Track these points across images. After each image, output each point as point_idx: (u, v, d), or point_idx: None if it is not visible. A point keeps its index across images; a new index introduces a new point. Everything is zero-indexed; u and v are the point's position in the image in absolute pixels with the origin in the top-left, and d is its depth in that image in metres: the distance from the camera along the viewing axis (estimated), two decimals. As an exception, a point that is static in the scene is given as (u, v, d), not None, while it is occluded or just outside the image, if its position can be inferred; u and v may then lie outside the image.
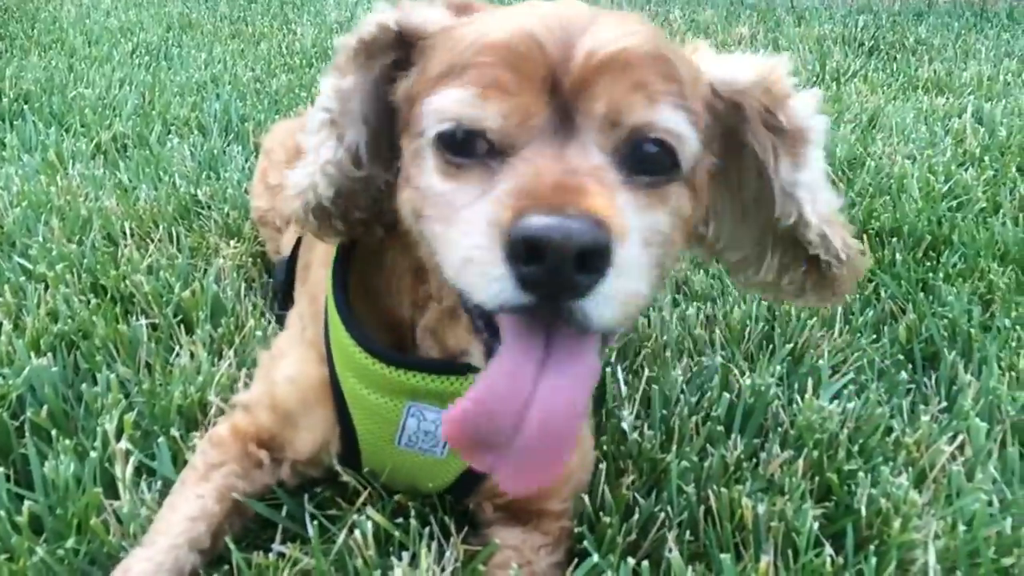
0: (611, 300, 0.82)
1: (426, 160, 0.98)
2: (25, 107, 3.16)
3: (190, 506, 1.25)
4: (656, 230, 0.94)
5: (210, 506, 1.26)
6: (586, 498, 1.30)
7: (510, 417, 0.88)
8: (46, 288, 1.88)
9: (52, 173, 2.51)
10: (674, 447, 1.41)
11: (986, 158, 2.69)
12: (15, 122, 3.06)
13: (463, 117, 0.92)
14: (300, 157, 1.20)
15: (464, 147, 0.93)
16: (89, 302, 1.83)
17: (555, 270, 0.79)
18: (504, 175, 0.89)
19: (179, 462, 1.41)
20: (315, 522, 1.27)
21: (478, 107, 0.91)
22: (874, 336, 1.80)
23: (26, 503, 1.28)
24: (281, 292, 1.79)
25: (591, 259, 0.80)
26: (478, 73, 0.92)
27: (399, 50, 1.08)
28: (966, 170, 2.62)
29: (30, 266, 1.97)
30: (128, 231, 2.18)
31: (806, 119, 1.06)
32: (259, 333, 1.75)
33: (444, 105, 0.94)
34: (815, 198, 1.07)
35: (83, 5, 5.36)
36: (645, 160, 0.93)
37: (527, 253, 0.80)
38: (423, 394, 1.19)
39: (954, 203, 2.36)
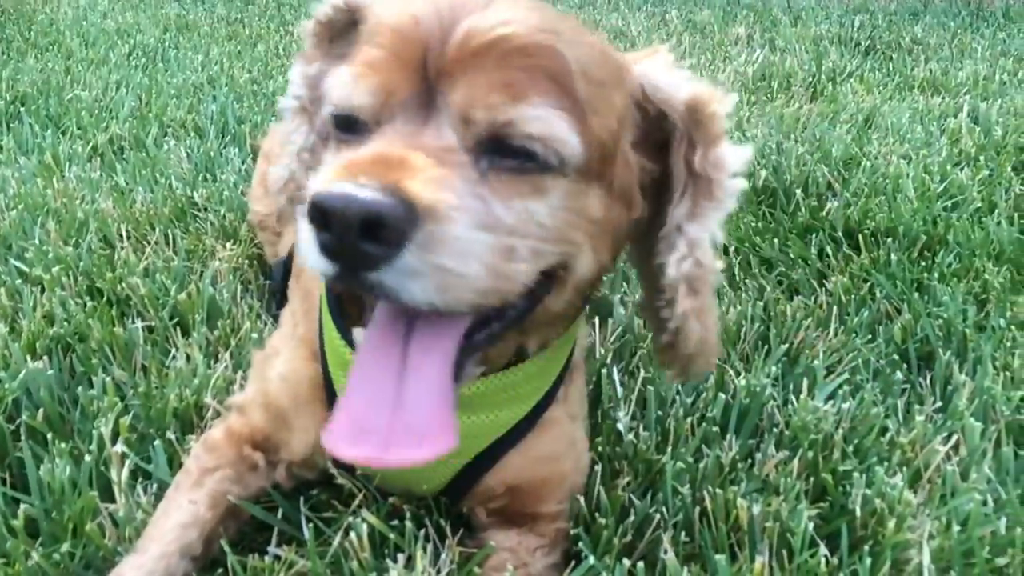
0: (415, 275, 0.82)
1: (330, 139, 1.01)
2: (22, 109, 3.16)
3: (182, 513, 1.25)
4: (523, 219, 0.90)
5: (202, 512, 1.26)
6: (582, 500, 1.30)
7: (384, 395, 0.92)
8: (42, 291, 1.88)
9: (48, 176, 2.51)
10: (669, 448, 1.41)
11: (982, 158, 2.70)
12: (11, 124, 3.06)
13: (341, 97, 0.94)
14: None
15: (351, 125, 0.96)
16: (85, 305, 1.82)
17: (340, 237, 0.80)
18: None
19: (175, 465, 1.41)
20: (311, 525, 1.27)
21: (351, 86, 0.93)
22: (869, 336, 1.80)
23: (22, 507, 1.28)
24: (278, 293, 1.79)
25: (379, 230, 0.80)
26: (362, 53, 0.94)
27: (356, 31, 1.08)
28: (961, 170, 2.62)
29: (26, 269, 1.97)
30: (124, 234, 2.18)
31: (722, 175, 1.00)
32: (255, 335, 1.75)
33: (331, 85, 0.97)
34: (689, 256, 1.00)
35: (80, 7, 5.35)
36: (512, 151, 0.90)
37: (319, 219, 0.81)
38: None
39: (949, 203, 2.36)
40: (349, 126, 0.95)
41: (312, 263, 0.85)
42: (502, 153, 0.90)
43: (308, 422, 1.30)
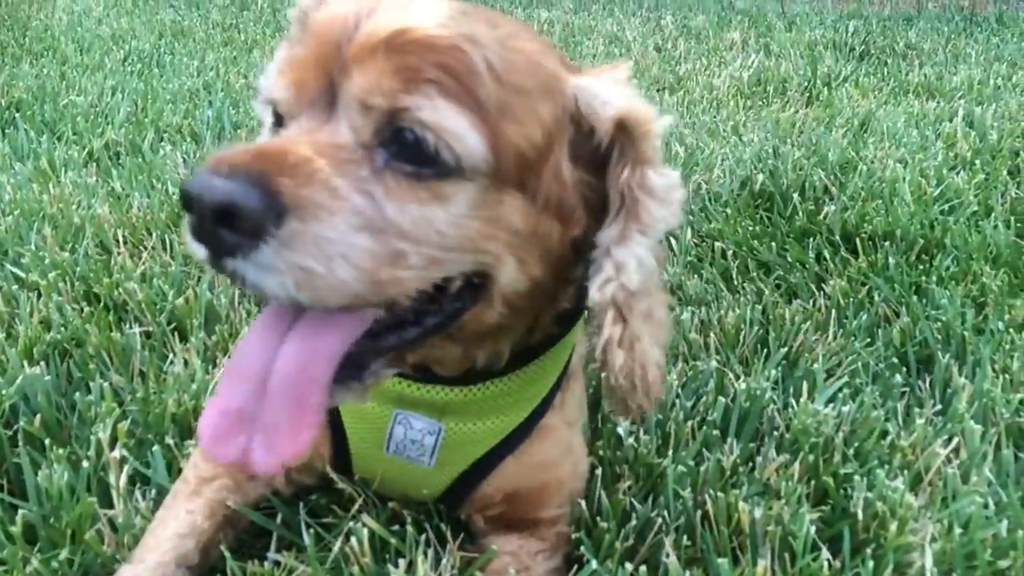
0: (273, 270, 0.81)
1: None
2: (17, 115, 3.15)
3: (180, 522, 1.24)
4: (419, 224, 0.87)
5: (200, 522, 1.25)
6: (583, 504, 1.30)
7: (252, 388, 0.89)
8: (39, 297, 1.87)
9: (44, 181, 2.50)
10: (670, 452, 1.41)
11: (977, 162, 2.71)
12: (7, 130, 3.05)
13: (266, 90, 0.96)
14: None
15: (279, 119, 0.97)
16: (82, 310, 1.82)
17: (200, 222, 0.81)
18: None
19: (173, 470, 1.40)
20: (311, 530, 1.26)
21: (274, 81, 0.94)
22: (868, 340, 1.80)
23: (20, 513, 1.27)
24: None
25: (235, 220, 0.79)
26: (292, 49, 0.96)
27: None
28: (957, 174, 2.63)
29: (22, 274, 1.96)
30: (121, 239, 2.17)
31: (648, 199, 0.95)
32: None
33: (263, 80, 0.98)
34: (614, 280, 0.96)
35: (75, 13, 5.34)
36: (413, 150, 0.86)
37: (185, 203, 0.81)
38: (409, 402, 1.18)
39: (946, 207, 2.37)
40: (279, 119, 0.97)
41: (188, 245, 0.85)
42: (401, 154, 0.87)
43: None
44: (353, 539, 1.24)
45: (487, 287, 0.98)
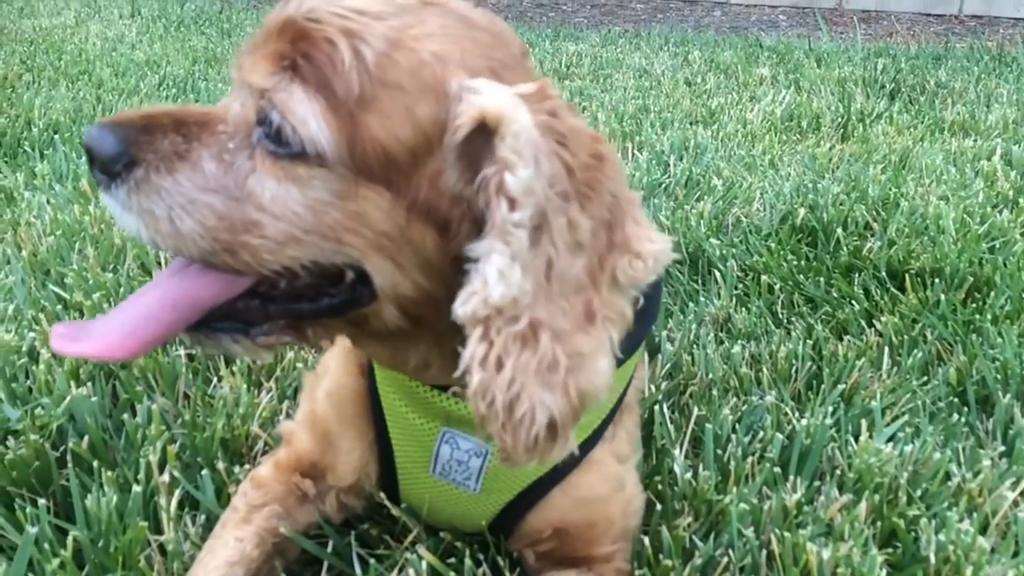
0: (127, 210, 0.93)
1: None
2: (56, 137, 3.17)
3: (229, 550, 1.23)
4: (277, 200, 0.91)
5: (249, 551, 1.23)
6: (646, 540, 1.27)
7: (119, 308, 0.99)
8: (82, 316, 1.86)
9: (84, 202, 2.51)
10: (734, 489, 1.37)
11: (1021, 200, 2.68)
12: (45, 152, 3.06)
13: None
14: None
15: None
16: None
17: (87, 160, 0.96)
18: None
19: (223, 496, 1.38)
20: (363, 561, 1.24)
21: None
22: (923, 378, 1.77)
23: (70, 536, 1.25)
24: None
25: (99, 163, 0.93)
26: None
27: None
28: (1000, 212, 2.60)
29: (66, 295, 1.95)
30: (162, 261, 2.17)
31: (500, 204, 0.87)
32: (300, 365, 1.73)
33: None
34: (478, 294, 0.89)
35: (108, 39, 5.41)
36: (275, 130, 0.90)
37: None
38: (456, 420, 1.15)
39: (993, 244, 2.34)
40: None
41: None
42: (269, 133, 0.91)
43: (353, 443, 1.27)
44: (411, 570, 1.22)
45: (375, 286, 0.97)
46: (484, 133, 0.89)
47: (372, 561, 1.26)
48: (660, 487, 1.40)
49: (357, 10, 0.91)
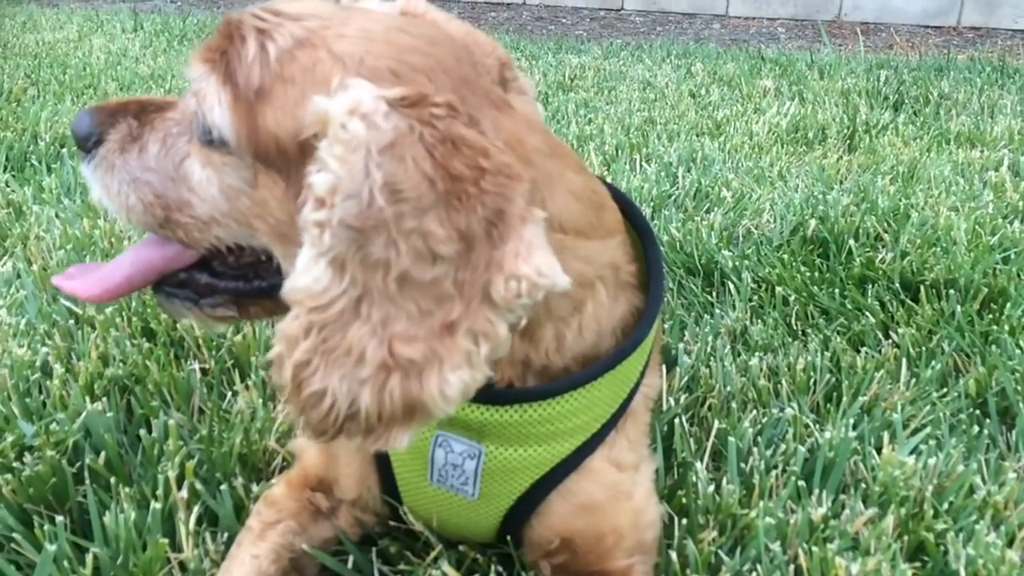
0: (92, 181, 1.09)
1: None
2: (63, 151, 3.16)
3: (245, 568, 1.22)
4: (201, 184, 1.02)
5: (265, 567, 1.23)
6: (673, 554, 1.25)
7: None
8: (93, 330, 1.85)
9: (94, 216, 2.50)
10: (760, 503, 1.36)
11: (1030, 211, 2.68)
12: (52, 166, 3.06)
13: None
14: None
15: None
16: (141, 347, 1.79)
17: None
18: None
19: (243, 514, 1.36)
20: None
21: None
22: (942, 390, 1.75)
23: (89, 554, 1.23)
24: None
25: (76, 140, 1.09)
26: None
27: None
28: (1011, 223, 2.59)
29: (78, 309, 1.94)
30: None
31: (311, 200, 0.88)
32: (315, 379, 1.71)
33: None
34: (291, 279, 0.90)
35: (112, 52, 5.41)
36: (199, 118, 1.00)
37: None
38: (448, 422, 1.14)
39: (1007, 255, 2.33)
40: None
41: None
42: (199, 122, 1.00)
43: (351, 455, 1.27)
44: (436, 588, 1.20)
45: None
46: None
47: (396, 578, 1.24)
48: (684, 501, 1.39)
49: (282, 12, 0.99)
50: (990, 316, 1.98)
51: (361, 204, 0.86)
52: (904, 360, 1.82)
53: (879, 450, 1.53)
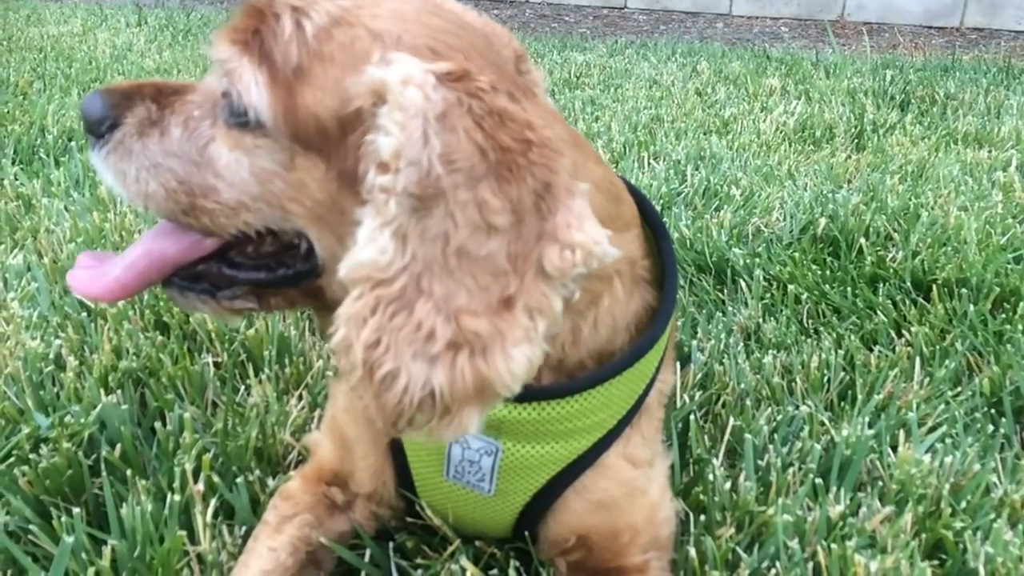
0: (105, 168, 1.03)
1: None
2: (71, 144, 3.16)
3: (263, 561, 1.22)
4: (230, 167, 0.98)
5: (283, 559, 1.22)
6: (692, 550, 1.25)
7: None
8: (107, 323, 1.85)
9: (104, 210, 2.49)
10: (780, 500, 1.35)
11: (1040, 211, 2.68)
12: (61, 159, 3.05)
13: None
14: None
15: None
16: (154, 340, 1.79)
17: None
18: None
19: (259, 508, 1.36)
20: (414, 573, 1.22)
21: None
22: (956, 389, 1.75)
23: (107, 547, 1.23)
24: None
25: (87, 124, 1.04)
26: None
27: None
28: (1021, 223, 2.59)
29: (90, 303, 1.94)
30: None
31: (368, 168, 0.88)
32: (329, 373, 1.71)
33: None
34: (352, 257, 0.88)
35: (117, 47, 5.41)
36: (231, 99, 0.96)
37: None
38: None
39: (1019, 255, 2.33)
40: None
41: None
42: (228, 105, 0.97)
43: (368, 448, 1.26)
44: (456, 582, 1.20)
45: (325, 258, 1.01)
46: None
47: (419, 571, 1.23)
48: (702, 497, 1.38)
49: None
50: (1003, 316, 1.98)
51: (421, 171, 0.86)
52: (918, 359, 1.82)
53: (895, 448, 1.53)
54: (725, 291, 2.20)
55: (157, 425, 1.50)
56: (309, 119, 0.93)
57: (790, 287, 2.11)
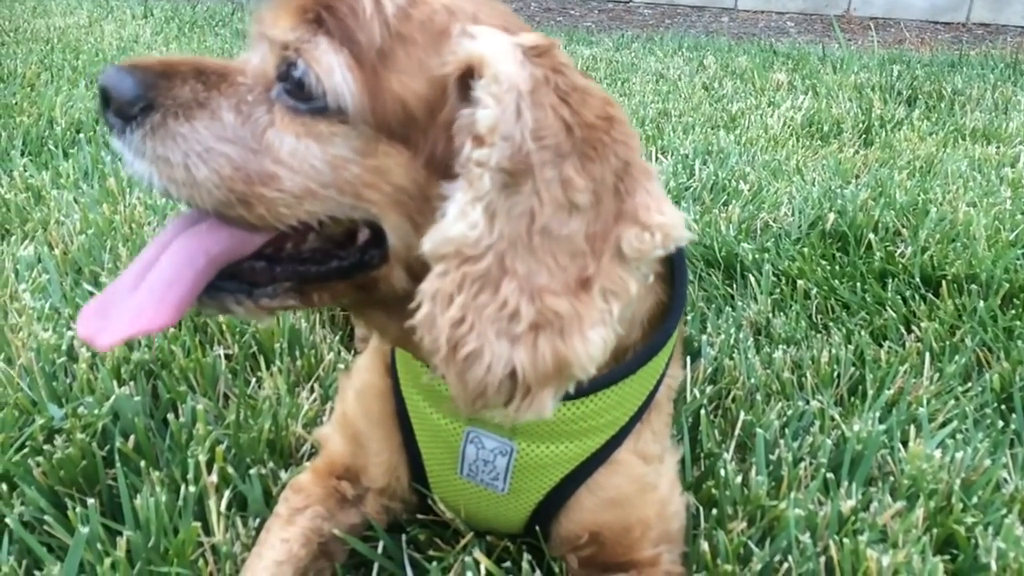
0: (141, 155, 0.91)
1: None
2: (80, 136, 3.16)
3: (275, 551, 1.22)
4: (296, 155, 0.91)
5: (296, 550, 1.23)
6: (704, 544, 1.26)
7: (131, 276, 0.95)
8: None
9: (113, 202, 2.50)
10: (791, 495, 1.36)
11: (1049, 207, 2.67)
12: (69, 151, 3.05)
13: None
14: None
15: None
16: (166, 332, 1.79)
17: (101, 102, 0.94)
18: None
19: (271, 501, 1.36)
20: (428, 565, 1.22)
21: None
22: (965, 384, 1.75)
23: (123, 537, 1.24)
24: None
25: (110, 102, 0.91)
26: None
27: None
28: (1029, 219, 2.59)
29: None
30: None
31: (466, 141, 0.87)
32: (340, 366, 1.72)
33: None
34: (440, 232, 0.87)
35: (123, 39, 5.40)
36: (297, 84, 0.90)
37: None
38: (480, 419, 1.12)
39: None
40: None
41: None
42: (290, 88, 0.91)
43: (382, 444, 1.27)
44: (469, 574, 1.20)
45: (387, 245, 0.96)
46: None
47: (431, 564, 1.24)
48: (713, 492, 1.39)
49: None
50: (1012, 312, 1.98)
51: (514, 146, 0.85)
52: (927, 354, 1.82)
53: (905, 444, 1.53)
54: (734, 286, 2.21)
55: (170, 417, 1.51)
56: (396, 105, 0.89)
57: (799, 282, 2.11)
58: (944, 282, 2.10)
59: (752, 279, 2.16)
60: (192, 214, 0.98)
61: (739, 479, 1.40)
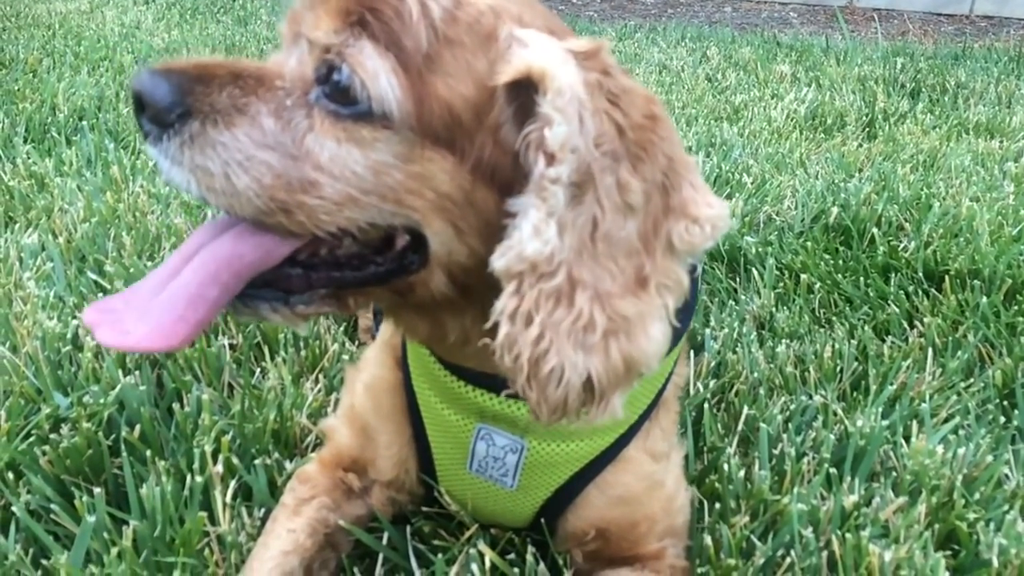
0: (178, 163, 0.89)
1: None
2: (82, 123, 3.15)
3: (281, 541, 1.23)
4: (337, 161, 0.89)
5: (302, 540, 1.23)
6: (707, 537, 1.26)
7: (158, 279, 0.94)
8: (123, 305, 1.85)
9: (117, 189, 2.49)
10: (794, 489, 1.37)
11: (1051, 203, 2.67)
12: (72, 138, 3.05)
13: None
14: None
15: None
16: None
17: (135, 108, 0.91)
18: None
19: (276, 491, 1.37)
20: (434, 556, 1.23)
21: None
22: (968, 380, 1.76)
23: (130, 527, 1.25)
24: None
25: (145, 109, 0.88)
26: None
27: None
28: (1032, 214, 2.59)
29: (106, 284, 1.94)
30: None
31: (538, 159, 0.85)
32: (345, 357, 1.72)
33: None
34: (513, 249, 0.86)
35: (125, 25, 5.39)
36: (340, 89, 0.88)
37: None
38: (492, 416, 1.15)
39: (1026, 247, 2.33)
40: None
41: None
42: (331, 92, 0.89)
43: (392, 438, 1.27)
44: (473, 565, 1.21)
45: (427, 250, 0.95)
46: (531, 87, 0.87)
47: (437, 556, 1.25)
48: (717, 486, 1.39)
49: None
50: (1015, 307, 1.98)
51: (580, 158, 0.85)
52: (930, 350, 1.82)
53: (908, 439, 1.54)
54: (737, 280, 2.21)
55: (175, 406, 1.51)
56: (443, 110, 0.88)
57: (802, 276, 2.11)
58: (947, 277, 2.10)
59: (755, 273, 2.17)
60: (218, 222, 0.96)
61: (742, 473, 1.41)
